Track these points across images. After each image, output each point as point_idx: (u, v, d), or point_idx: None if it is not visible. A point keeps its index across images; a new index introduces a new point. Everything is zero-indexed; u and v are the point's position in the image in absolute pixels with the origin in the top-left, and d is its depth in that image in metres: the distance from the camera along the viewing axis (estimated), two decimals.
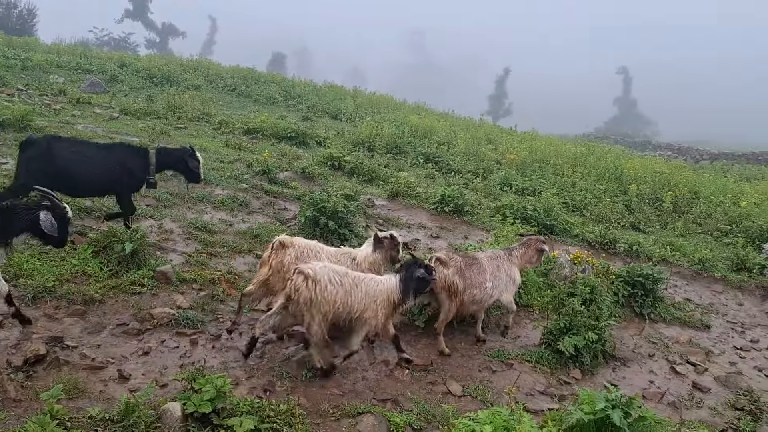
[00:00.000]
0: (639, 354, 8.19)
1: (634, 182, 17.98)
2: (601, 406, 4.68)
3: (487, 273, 7.22)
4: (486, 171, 17.59)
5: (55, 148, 7.33)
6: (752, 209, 16.85)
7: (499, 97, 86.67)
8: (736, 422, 6.59)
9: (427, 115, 26.64)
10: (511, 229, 10.19)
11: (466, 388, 6.25)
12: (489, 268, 7.28)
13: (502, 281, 7.37)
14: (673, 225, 15.78)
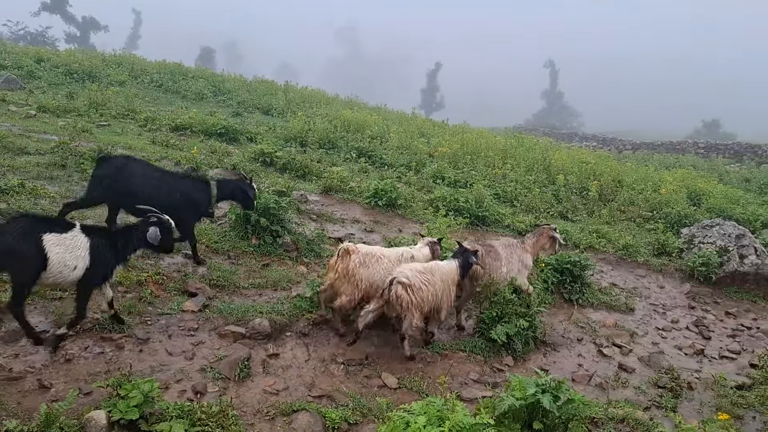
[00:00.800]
0: (568, 338, 8.46)
1: (561, 172, 18.51)
2: (531, 392, 4.79)
3: (502, 259, 8.06)
4: (419, 164, 17.72)
5: (128, 168, 7.57)
6: (671, 196, 17.66)
7: (430, 91, 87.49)
8: (659, 399, 6.89)
9: (360, 109, 26.58)
10: (443, 221, 10.30)
11: (401, 380, 6.29)
12: (503, 255, 8.13)
13: (515, 266, 8.16)
14: (598, 213, 16.35)
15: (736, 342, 9.69)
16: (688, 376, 7.67)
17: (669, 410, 6.55)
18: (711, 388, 7.31)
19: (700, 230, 13.67)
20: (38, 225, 5.52)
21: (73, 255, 5.56)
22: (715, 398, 7.01)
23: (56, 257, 5.43)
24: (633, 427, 5.72)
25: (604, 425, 5.77)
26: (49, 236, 5.43)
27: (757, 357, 8.40)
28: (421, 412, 4.31)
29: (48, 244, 5.40)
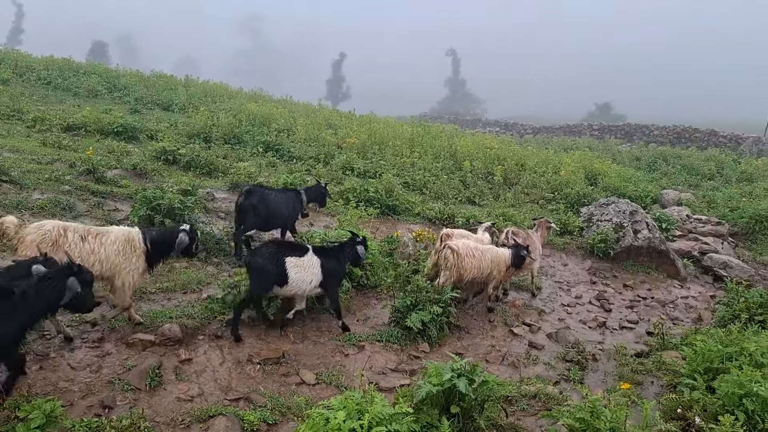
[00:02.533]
0: (481, 321, 8.70)
1: (467, 159, 18.99)
2: (447, 377, 4.88)
3: (536, 245, 10.11)
4: (327, 156, 17.64)
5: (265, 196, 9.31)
6: (570, 177, 18.52)
7: (336, 82, 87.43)
8: (567, 373, 7.22)
9: (266, 102, 26.09)
10: (354, 212, 10.31)
11: (319, 375, 6.24)
12: (537, 242, 10.26)
13: (535, 255, 9.97)
14: (504, 196, 16.92)
15: (634, 312, 10.32)
16: (592, 349, 8.09)
17: (577, 383, 6.87)
18: (613, 358, 7.73)
19: (597, 209, 14.43)
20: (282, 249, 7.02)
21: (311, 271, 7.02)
22: (618, 367, 7.42)
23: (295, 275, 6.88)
24: (544, 402, 5.97)
25: (518, 402, 5.99)
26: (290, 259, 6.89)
27: (653, 325, 8.95)
28: (340, 407, 4.29)
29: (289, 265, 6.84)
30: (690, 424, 5.19)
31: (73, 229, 6.03)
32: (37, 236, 5.79)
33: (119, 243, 6.18)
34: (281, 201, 9.64)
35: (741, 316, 7.96)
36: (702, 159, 27.54)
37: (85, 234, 6.05)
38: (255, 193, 9.17)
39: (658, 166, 26.60)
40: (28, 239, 5.74)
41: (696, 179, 24.34)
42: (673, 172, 25.31)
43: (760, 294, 8.77)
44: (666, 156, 28.45)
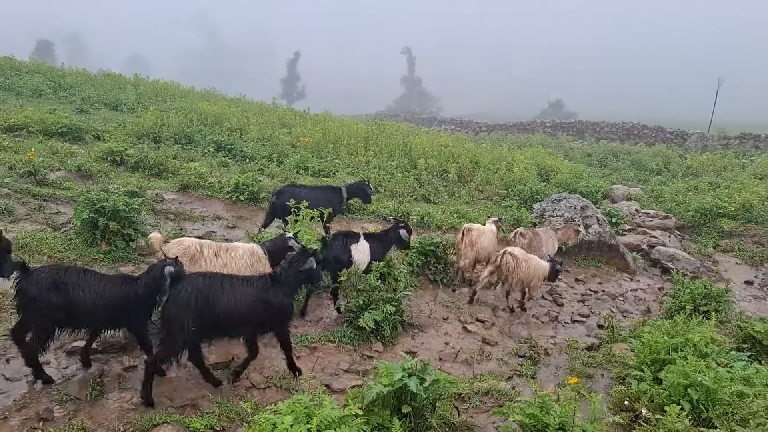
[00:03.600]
0: (435, 318, 8.69)
1: (422, 157, 19.03)
2: (398, 377, 4.83)
3: (543, 243, 10.83)
4: (281, 155, 17.45)
5: (295, 193, 10.19)
6: (523, 174, 18.74)
7: (291, 80, 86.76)
8: (520, 368, 7.26)
9: (218, 101, 25.63)
10: (307, 213, 10.17)
11: (269, 379, 6.11)
12: (544, 240, 10.96)
13: (551, 249, 10.93)
14: (458, 194, 17.01)
15: (585, 306, 10.48)
16: (544, 343, 8.17)
17: (529, 378, 6.92)
18: (565, 352, 7.82)
19: (549, 204, 14.62)
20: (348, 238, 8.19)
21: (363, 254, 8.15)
22: (569, 361, 7.51)
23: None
24: (497, 398, 5.98)
25: (471, 399, 5.98)
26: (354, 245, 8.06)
27: (603, 318, 9.11)
28: (288, 411, 4.19)
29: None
30: (638, 415, 5.26)
31: (207, 245, 6.75)
32: (178, 251, 6.40)
33: (246, 257, 6.83)
34: (315, 198, 10.29)
35: (686, 308, 8.15)
36: (650, 155, 28.30)
37: (218, 249, 6.75)
38: (285, 193, 10.24)
39: (608, 162, 27.21)
40: (170, 254, 6.20)
41: (644, 174, 24.99)
42: (623, 168, 25.93)
43: (704, 285, 9.00)
44: (616, 152, 29.14)
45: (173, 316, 5.34)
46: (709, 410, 5.01)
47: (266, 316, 5.77)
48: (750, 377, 5.39)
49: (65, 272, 5.37)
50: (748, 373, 5.44)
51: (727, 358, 5.92)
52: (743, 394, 5.06)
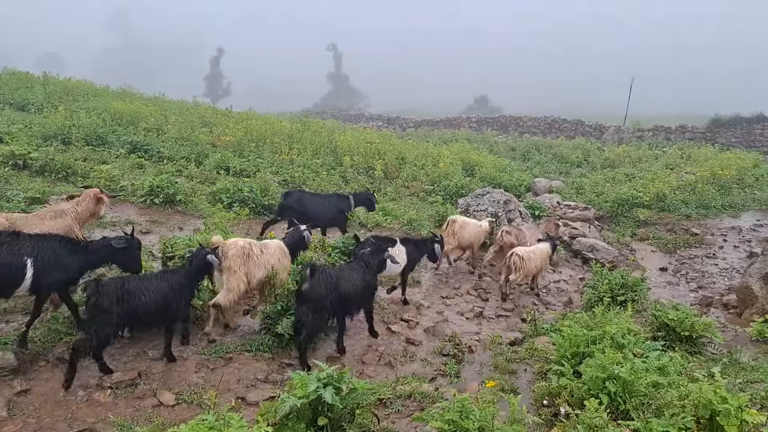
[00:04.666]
0: (359, 320, 8.47)
1: (348, 154, 18.82)
2: (313, 388, 4.58)
3: (527, 238, 11.66)
4: (201, 155, 16.83)
5: (303, 197, 11.08)
6: (449, 169, 18.82)
7: (215, 78, 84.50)
8: (444, 368, 7.15)
9: (135, 100, 24.53)
10: (223, 214, 9.77)
11: (180, 395, 5.73)
12: (528, 235, 11.81)
13: (530, 240, 11.63)
14: (384, 190, 16.88)
15: (509, 300, 10.52)
16: (469, 340, 8.10)
17: (453, 377, 6.82)
18: (489, 348, 7.77)
19: (473, 199, 14.69)
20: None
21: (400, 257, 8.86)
22: (493, 357, 7.45)
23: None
24: (420, 401, 5.82)
25: (393, 404, 5.80)
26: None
27: (526, 312, 9.15)
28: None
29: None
30: (557, 413, 5.22)
31: (254, 244, 7.57)
32: (236, 251, 7.25)
33: (278, 252, 7.75)
34: (323, 204, 11.27)
35: (605, 299, 8.27)
36: (570, 148, 29.10)
37: (261, 247, 7.58)
38: (292, 195, 11.13)
39: (531, 156, 27.79)
40: (230, 253, 7.22)
41: (566, 167, 25.64)
42: (545, 161, 26.54)
43: (622, 275, 9.19)
44: (538, 146, 29.82)
45: (315, 297, 6.64)
46: (626, 402, 5.02)
47: (367, 292, 7.49)
48: (665, 366, 5.45)
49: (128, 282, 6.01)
50: (663, 362, 5.50)
51: (643, 348, 5.98)
52: (658, 384, 5.10)
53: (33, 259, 5.68)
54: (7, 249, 5.60)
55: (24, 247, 5.70)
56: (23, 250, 5.66)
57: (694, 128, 34.02)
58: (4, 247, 5.59)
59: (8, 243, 5.65)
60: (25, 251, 5.67)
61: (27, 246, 5.72)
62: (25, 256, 5.65)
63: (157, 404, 5.56)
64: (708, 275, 13.44)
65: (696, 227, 16.70)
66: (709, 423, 4.36)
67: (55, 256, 5.89)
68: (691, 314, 7.24)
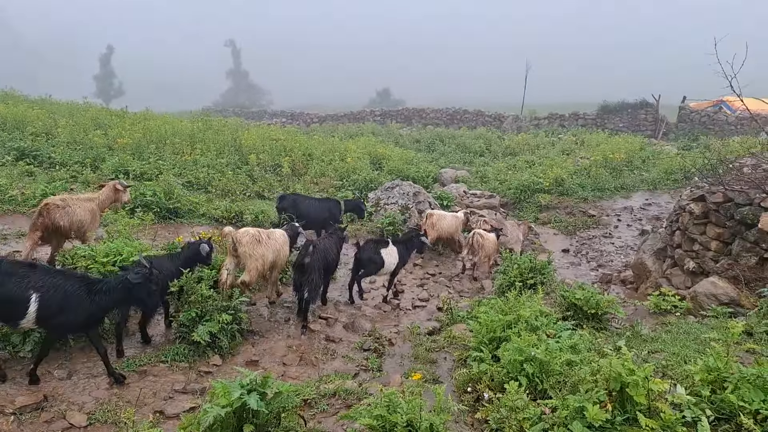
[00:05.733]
0: (276, 321, 8.37)
1: (253, 152, 18.45)
2: (237, 395, 4.45)
3: (510, 231, 13.14)
4: (97, 159, 15.94)
5: (297, 200, 12.08)
6: (357, 164, 18.86)
7: (106, 77, 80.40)
8: (365, 362, 7.17)
9: (19, 103, 22.89)
10: (126, 222, 9.32)
11: (92, 414, 5.41)
12: (510, 230, 13.31)
13: (517, 236, 13.53)
14: (293, 188, 16.68)
15: (424, 290, 10.72)
16: (388, 333, 8.17)
17: (375, 371, 6.86)
18: (408, 340, 7.86)
19: (383, 192, 14.81)
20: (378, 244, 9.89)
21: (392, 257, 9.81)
22: (413, 348, 7.54)
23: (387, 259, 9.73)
24: (344, 398, 5.80)
25: (318, 404, 5.75)
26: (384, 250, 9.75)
27: (442, 301, 9.33)
28: None
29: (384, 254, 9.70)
30: (480, 396, 5.36)
31: (264, 232, 8.49)
32: (249, 238, 8.13)
33: (281, 239, 8.76)
34: (317, 207, 12.17)
35: (516, 283, 8.57)
36: (473, 137, 29.91)
37: (268, 234, 8.55)
38: (286, 199, 12.03)
39: (436, 147, 28.33)
40: (245, 240, 8.11)
41: (469, 157, 26.34)
42: (450, 152, 27.13)
43: (529, 259, 9.57)
44: (442, 137, 30.44)
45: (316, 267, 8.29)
46: (544, 382, 5.22)
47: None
48: (576, 344, 5.72)
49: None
50: (574, 341, 5.77)
51: (555, 329, 6.25)
52: (572, 362, 5.34)
53: (39, 294, 5.55)
54: (16, 280, 5.53)
55: (34, 281, 5.59)
56: (31, 284, 5.57)
57: (585, 115, 35.89)
58: (15, 278, 5.53)
59: (20, 275, 5.58)
60: (32, 285, 5.57)
61: (37, 280, 5.61)
62: (31, 290, 5.55)
63: (67, 427, 5.22)
64: (606, 254, 14.25)
65: (593, 209, 17.65)
66: (619, 395, 4.60)
67: (64, 295, 5.67)
68: (596, 293, 7.63)
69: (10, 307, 5.50)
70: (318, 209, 12.14)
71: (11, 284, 5.49)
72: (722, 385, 4.66)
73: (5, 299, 5.45)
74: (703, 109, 32.78)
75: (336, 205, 12.67)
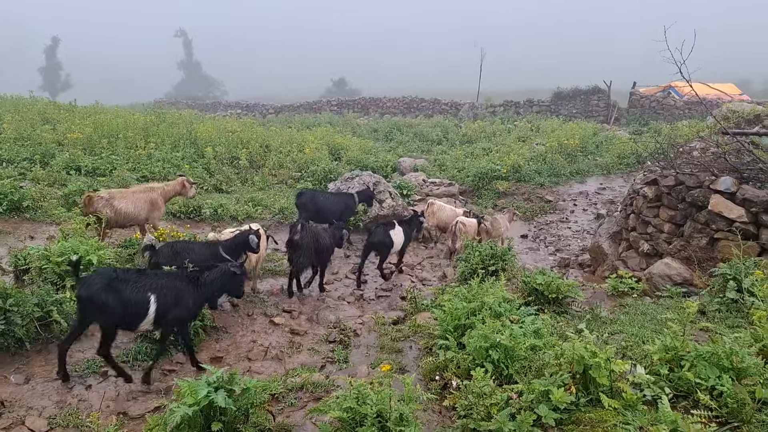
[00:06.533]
0: (240, 316, 8.29)
1: (209, 145, 18.15)
2: (203, 393, 4.40)
3: (499, 223, 13.14)
4: (46, 155, 15.45)
5: (315, 196, 12.71)
6: (315, 154, 18.74)
7: (52, 70, 77.62)
8: (332, 354, 7.17)
9: None
10: (81, 220, 9.06)
11: (53, 419, 5.27)
12: (501, 221, 13.29)
13: (506, 226, 13.43)
14: (252, 180, 16.50)
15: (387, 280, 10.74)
16: (353, 324, 8.18)
17: (342, 363, 6.87)
18: (374, 330, 7.90)
19: (343, 183, 14.76)
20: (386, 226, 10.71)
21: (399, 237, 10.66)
22: (378, 338, 7.58)
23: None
24: (312, 392, 5.79)
25: (286, 398, 5.72)
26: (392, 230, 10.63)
27: (405, 290, 9.39)
28: None
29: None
30: (447, 384, 5.43)
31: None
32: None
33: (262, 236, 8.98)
34: (335, 202, 12.69)
35: (478, 270, 8.67)
36: (430, 126, 30.04)
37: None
38: (305, 195, 12.54)
39: (393, 136, 28.35)
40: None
41: (427, 145, 26.44)
42: (407, 141, 27.19)
43: (490, 246, 9.67)
44: (399, 126, 30.47)
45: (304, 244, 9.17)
46: (509, 367, 5.31)
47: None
48: (539, 329, 5.83)
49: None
50: (537, 326, 5.88)
51: (519, 314, 6.35)
52: (536, 347, 5.45)
53: (156, 295, 6.01)
54: (132, 286, 5.92)
55: (148, 283, 6.05)
56: (147, 287, 6.01)
57: (540, 102, 36.41)
58: (130, 284, 5.92)
59: (134, 280, 5.99)
60: (148, 287, 6.01)
61: (151, 283, 6.07)
62: (149, 291, 5.99)
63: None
64: (563, 238, 14.54)
65: (549, 194, 17.98)
66: (582, 377, 4.72)
67: (176, 292, 6.20)
68: (556, 277, 7.78)
69: (133, 311, 5.90)
70: (335, 203, 12.64)
71: (130, 290, 5.89)
72: (679, 363, 4.82)
73: (129, 304, 5.84)
74: (652, 94, 33.68)
75: (351, 198, 13.18)
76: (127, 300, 5.82)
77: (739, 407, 4.12)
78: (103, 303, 5.69)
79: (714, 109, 18.99)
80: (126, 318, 5.89)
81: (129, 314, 5.87)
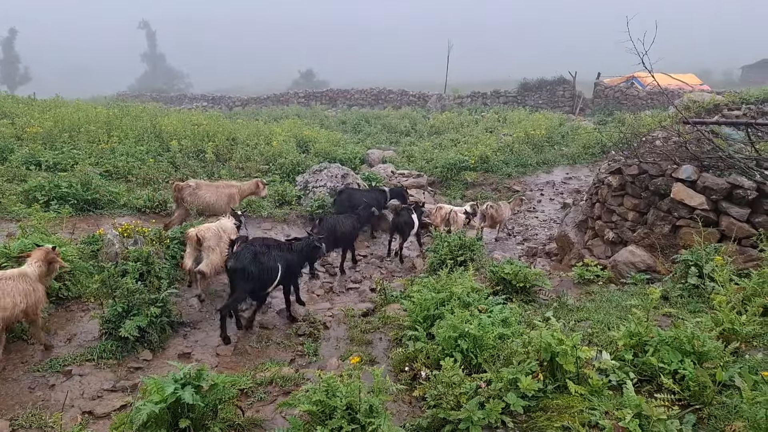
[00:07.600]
0: (208, 311, 8.19)
1: (175, 138, 17.83)
2: (170, 390, 4.34)
3: (503, 210, 13.76)
4: (5, 150, 15.00)
5: (351, 193, 13.67)
6: (282, 147, 18.57)
7: (10, 63, 75.47)
8: (301, 348, 7.14)
9: None
10: (42, 216, 8.84)
11: (15, 420, 5.14)
12: (504, 208, 13.89)
13: (509, 214, 14.31)
14: (218, 174, 16.28)
15: (357, 272, 10.74)
16: (323, 317, 8.16)
17: (311, 356, 6.84)
18: (343, 322, 7.89)
19: (311, 175, 14.69)
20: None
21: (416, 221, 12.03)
22: (348, 330, 7.58)
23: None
24: (281, 386, 5.77)
25: (255, 393, 5.69)
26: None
27: (375, 282, 9.39)
28: None
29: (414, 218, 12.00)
30: (416, 375, 5.45)
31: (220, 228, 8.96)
32: (212, 233, 8.66)
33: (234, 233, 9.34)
34: (368, 197, 13.29)
35: (447, 261, 8.72)
36: (398, 117, 30.01)
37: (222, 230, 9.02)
38: (345, 192, 13.55)
39: (362, 128, 28.26)
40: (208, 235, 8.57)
41: (395, 136, 26.43)
42: (376, 132, 27.13)
43: (459, 237, 9.73)
44: (368, 117, 30.38)
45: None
46: (478, 357, 5.36)
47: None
48: (507, 318, 5.89)
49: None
50: (505, 315, 5.93)
51: (487, 304, 6.40)
52: (504, 335, 5.50)
53: (282, 262, 7.79)
54: (267, 257, 7.62)
55: (276, 253, 7.85)
56: (275, 256, 7.77)
57: (506, 92, 36.66)
58: (266, 255, 7.62)
59: (266, 254, 7.66)
60: (276, 256, 7.79)
61: (276, 252, 7.88)
62: (278, 259, 7.76)
63: None
64: (531, 228, 14.70)
65: (517, 184, 18.14)
66: (550, 364, 4.78)
67: (290, 259, 8.12)
68: (524, 267, 7.87)
69: (272, 275, 7.61)
70: (369, 199, 13.22)
71: (269, 258, 7.62)
72: (643, 348, 4.92)
73: (270, 269, 7.57)
74: (616, 85, 34.18)
75: (382, 194, 14.24)
76: (270, 265, 7.55)
77: (700, 390, 4.21)
78: (250, 272, 7.30)
79: (675, 99, 19.35)
80: (262, 282, 7.50)
81: (264, 279, 7.50)
